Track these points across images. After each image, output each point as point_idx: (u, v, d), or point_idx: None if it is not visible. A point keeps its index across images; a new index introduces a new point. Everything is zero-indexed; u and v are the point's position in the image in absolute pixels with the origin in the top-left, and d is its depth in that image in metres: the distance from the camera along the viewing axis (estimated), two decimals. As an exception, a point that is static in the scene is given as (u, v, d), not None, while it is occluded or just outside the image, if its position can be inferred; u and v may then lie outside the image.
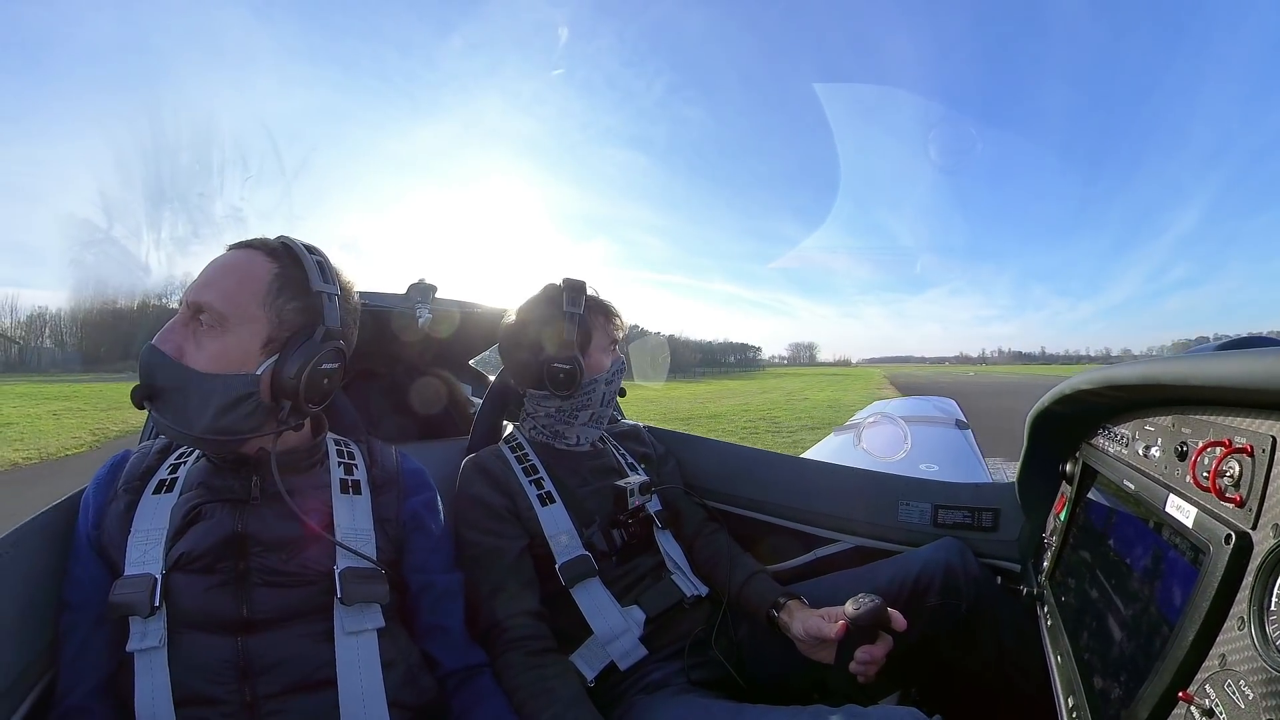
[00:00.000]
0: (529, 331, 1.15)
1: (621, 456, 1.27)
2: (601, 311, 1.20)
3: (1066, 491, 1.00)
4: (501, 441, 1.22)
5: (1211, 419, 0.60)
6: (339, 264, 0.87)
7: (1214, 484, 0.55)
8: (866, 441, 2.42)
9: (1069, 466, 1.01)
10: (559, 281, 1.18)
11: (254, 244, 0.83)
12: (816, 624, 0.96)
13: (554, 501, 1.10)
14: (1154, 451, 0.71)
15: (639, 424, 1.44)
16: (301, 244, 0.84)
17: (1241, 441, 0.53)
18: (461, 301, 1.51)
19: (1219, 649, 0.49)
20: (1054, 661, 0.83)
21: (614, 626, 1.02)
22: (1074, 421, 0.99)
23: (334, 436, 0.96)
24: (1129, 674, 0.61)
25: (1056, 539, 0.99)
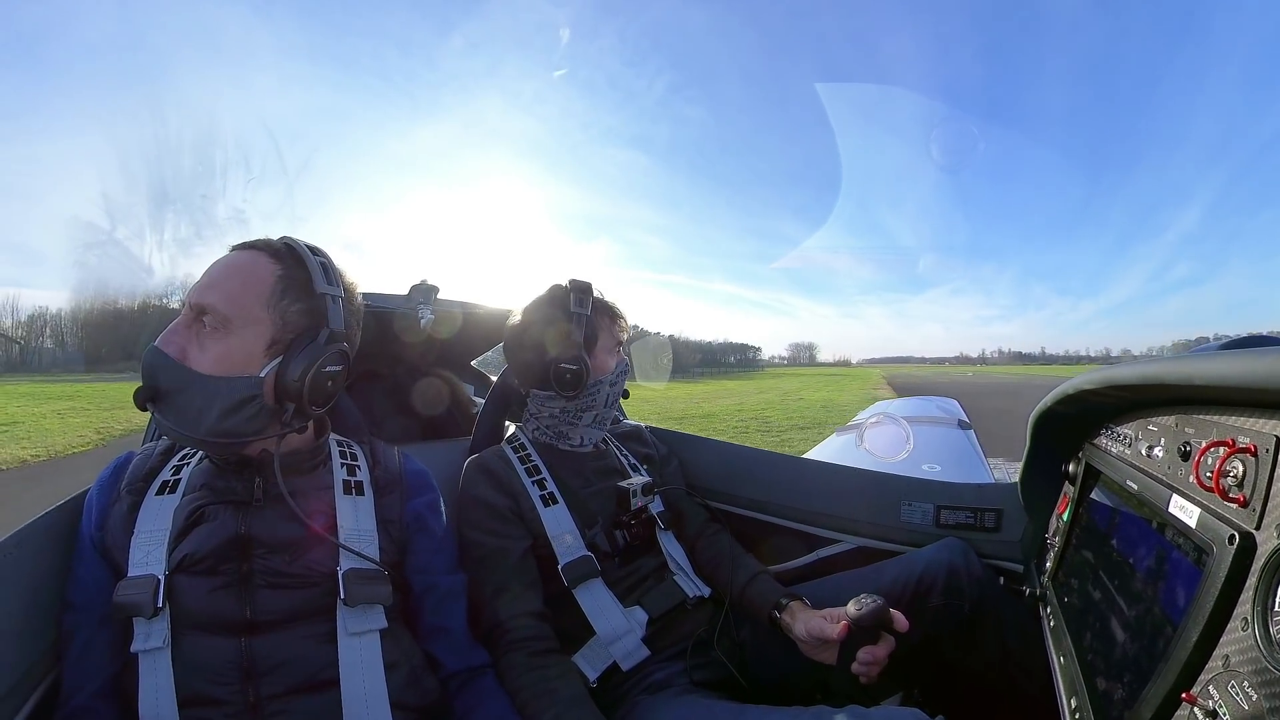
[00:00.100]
0: (535, 332, 1.15)
1: (624, 457, 1.27)
2: (607, 313, 1.20)
3: (1069, 492, 1.00)
4: (504, 442, 1.22)
5: (1215, 419, 0.60)
6: (342, 265, 0.87)
7: (1217, 484, 0.55)
8: (869, 442, 2.42)
9: (1072, 467, 1.00)
10: (565, 282, 1.18)
11: (257, 245, 0.82)
12: (819, 625, 0.96)
13: (557, 502, 1.10)
14: (1157, 451, 0.71)
15: (641, 425, 1.44)
16: (305, 245, 0.83)
17: (1245, 441, 0.53)
18: (464, 302, 1.52)
19: (1222, 650, 0.49)
20: (1057, 662, 0.83)
21: (616, 627, 1.02)
22: (1077, 421, 0.99)
23: (337, 438, 0.96)
24: (1132, 675, 0.61)
25: (1059, 539, 0.98)
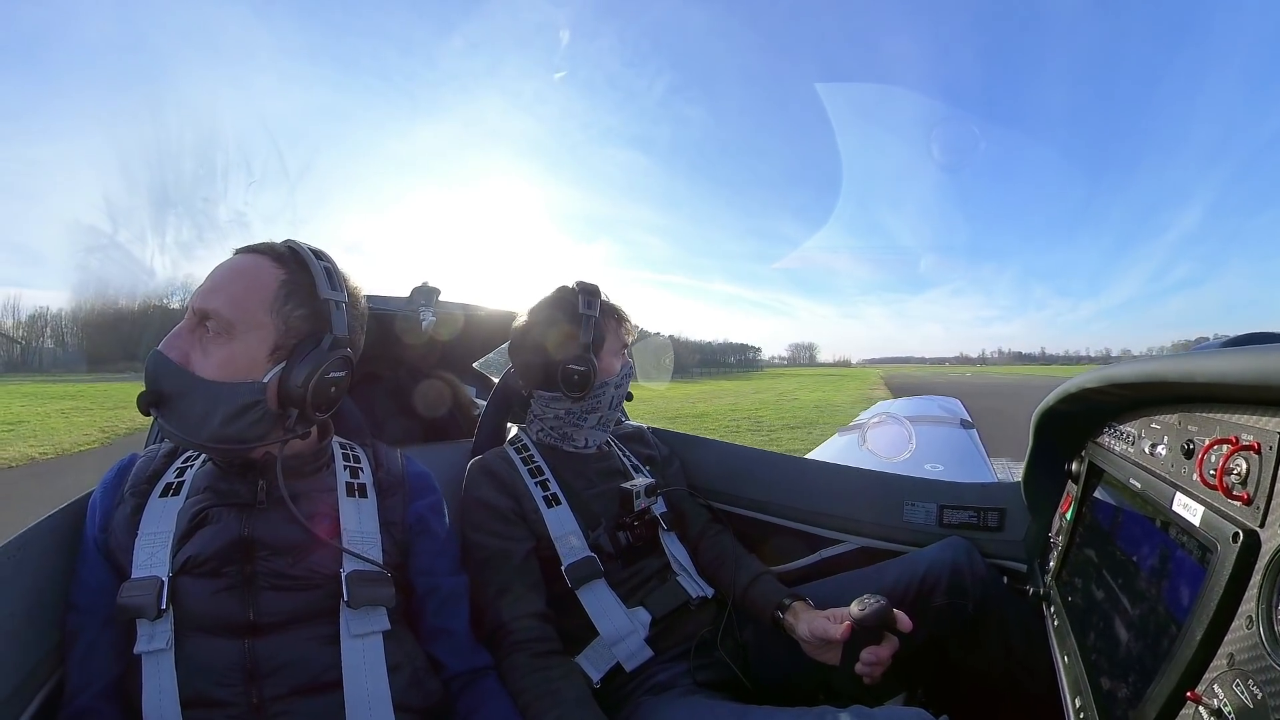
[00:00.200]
0: (542, 333, 1.15)
1: (626, 459, 1.27)
2: (613, 315, 1.21)
3: (1073, 491, 1.00)
4: (507, 443, 1.22)
5: (1218, 416, 0.60)
6: (346, 269, 0.86)
7: (1221, 482, 0.54)
8: (871, 442, 2.41)
9: (1075, 465, 1.00)
10: (571, 284, 1.18)
11: (261, 249, 0.82)
12: (822, 625, 0.96)
13: (559, 503, 1.10)
14: (1160, 449, 0.70)
15: (643, 426, 1.44)
16: (309, 249, 0.83)
17: (1248, 439, 0.53)
18: (465, 304, 1.52)
19: (1227, 648, 0.49)
20: (1061, 662, 0.82)
21: (620, 628, 1.02)
22: (1080, 420, 0.98)
23: (339, 440, 0.96)
24: (1136, 674, 0.61)
25: (1063, 538, 0.98)
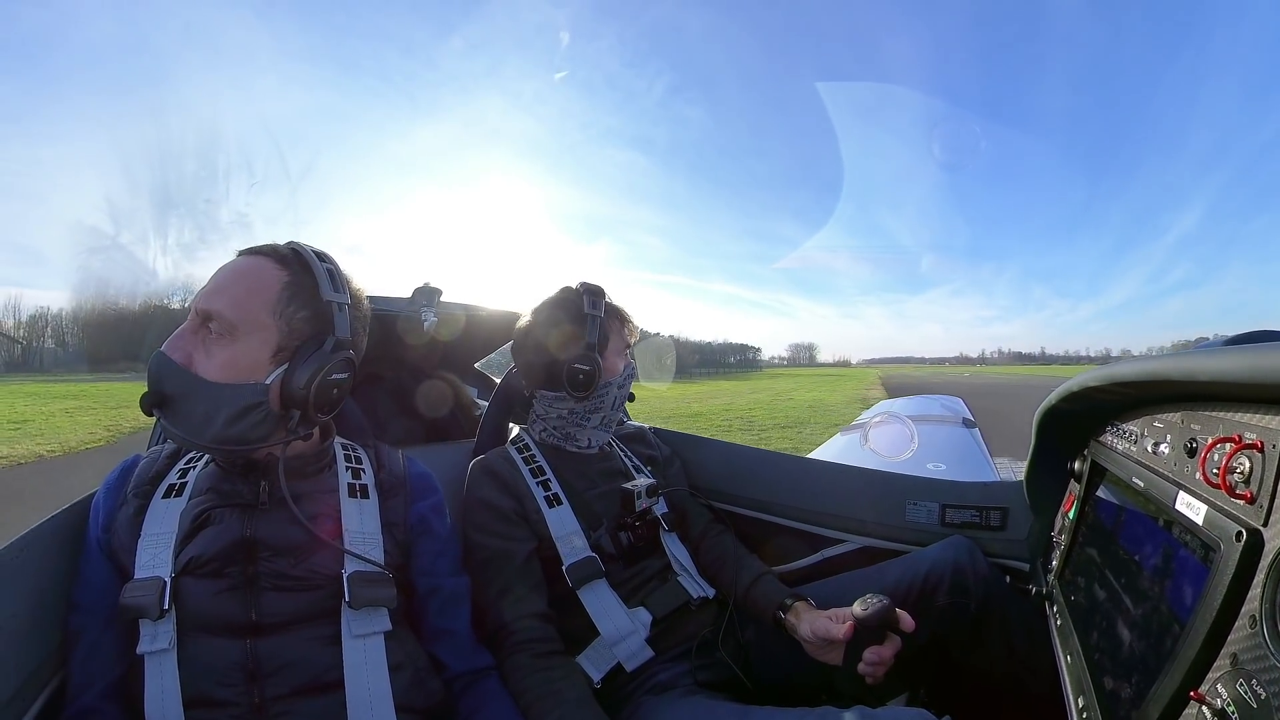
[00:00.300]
0: (546, 333, 1.15)
1: (628, 459, 1.27)
2: (617, 316, 1.21)
3: (1075, 490, 1.00)
4: (509, 443, 1.22)
5: (1221, 415, 0.59)
6: (348, 271, 0.87)
7: (1224, 480, 0.54)
8: (873, 441, 2.41)
9: (1077, 464, 1.00)
10: (574, 285, 1.19)
11: (263, 250, 0.82)
12: (824, 625, 0.96)
13: (561, 503, 1.10)
14: (1163, 448, 0.70)
15: (644, 426, 1.44)
16: (311, 250, 0.83)
17: (1251, 437, 0.52)
18: (466, 305, 1.52)
19: (1230, 648, 0.49)
20: (1064, 661, 0.82)
21: (621, 628, 1.02)
22: (1082, 419, 0.98)
23: (341, 441, 0.96)
24: (1139, 674, 0.60)
25: (1065, 537, 0.98)
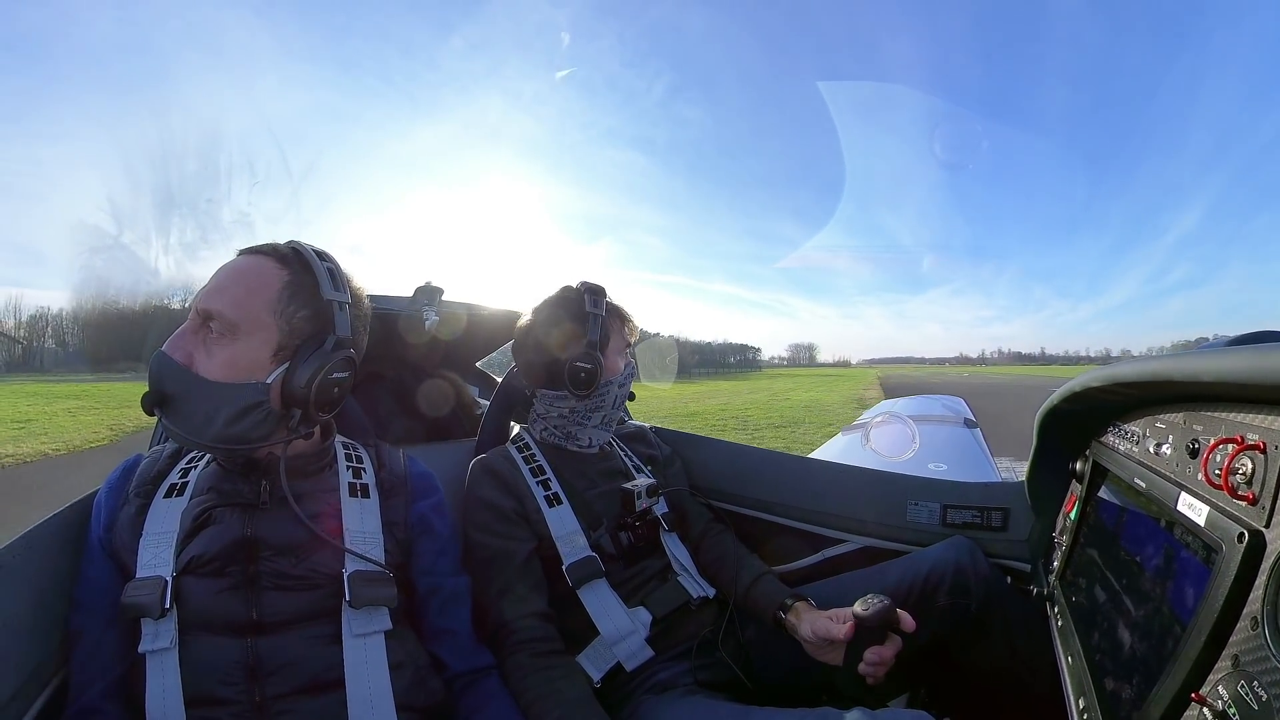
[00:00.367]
0: (547, 332, 1.16)
1: (628, 458, 1.27)
2: (618, 315, 1.22)
3: (1077, 490, 0.99)
4: (509, 442, 1.22)
5: (1223, 415, 0.59)
6: (349, 270, 0.87)
7: (1226, 481, 0.54)
8: (875, 441, 2.41)
9: (1079, 465, 0.99)
10: (575, 284, 1.19)
11: (264, 249, 0.82)
12: (824, 625, 0.96)
13: (561, 503, 1.10)
14: (1165, 449, 0.70)
15: (645, 425, 1.44)
16: (312, 249, 0.84)
17: (1254, 438, 0.52)
18: (468, 304, 1.52)
19: (1232, 649, 0.49)
20: (1065, 662, 0.82)
21: (620, 627, 1.02)
22: (1084, 419, 0.98)
23: (342, 440, 0.96)
24: (1140, 675, 0.60)
25: (1067, 538, 0.98)
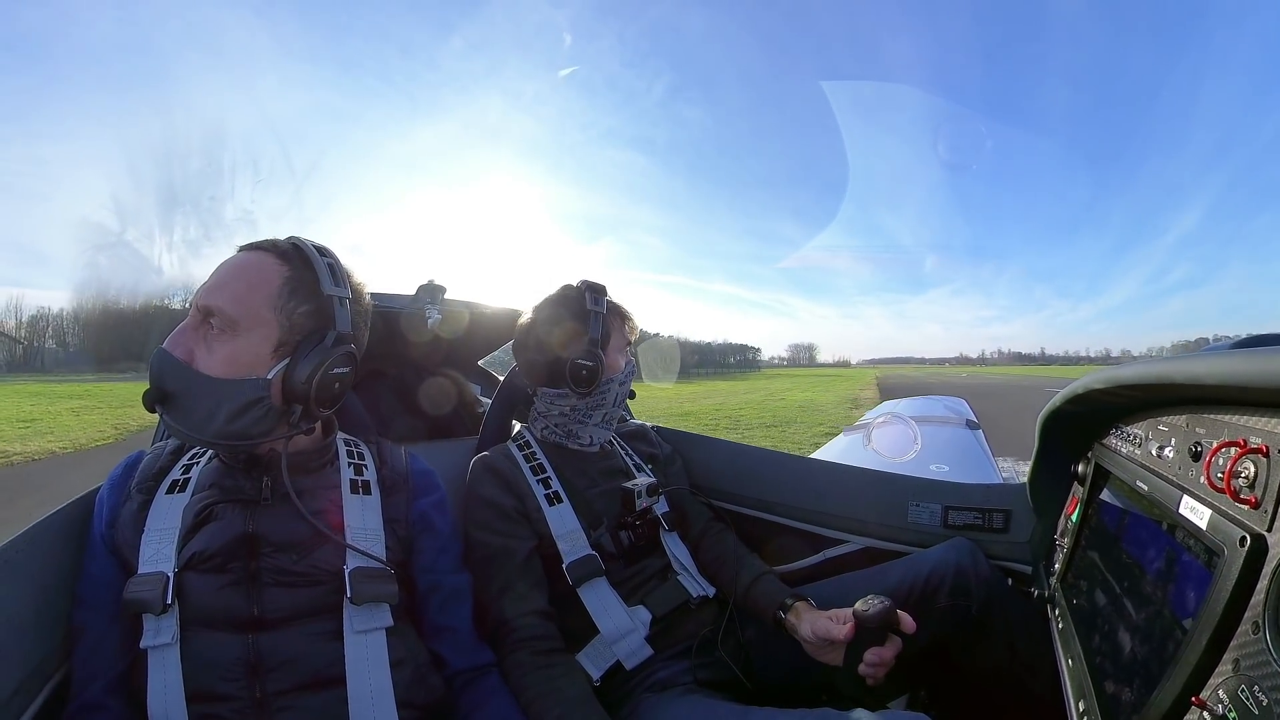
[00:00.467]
0: (548, 330, 1.16)
1: (629, 457, 1.28)
2: (618, 314, 1.22)
3: (1078, 492, 0.99)
4: (510, 440, 1.23)
5: (1226, 419, 0.59)
6: (350, 266, 0.87)
7: (1228, 485, 0.54)
8: (876, 442, 2.41)
9: (1081, 467, 0.99)
10: (575, 282, 1.19)
11: (264, 246, 0.82)
12: (824, 625, 0.95)
13: (561, 501, 1.10)
14: (1167, 452, 0.70)
15: (646, 424, 1.44)
16: (312, 245, 0.84)
17: (1257, 442, 0.52)
18: (470, 302, 1.52)
19: (1233, 653, 0.48)
20: (1065, 665, 0.82)
21: (620, 626, 1.02)
22: (1086, 421, 0.97)
23: (344, 437, 0.96)
24: (1141, 678, 0.60)
25: (1068, 540, 0.97)
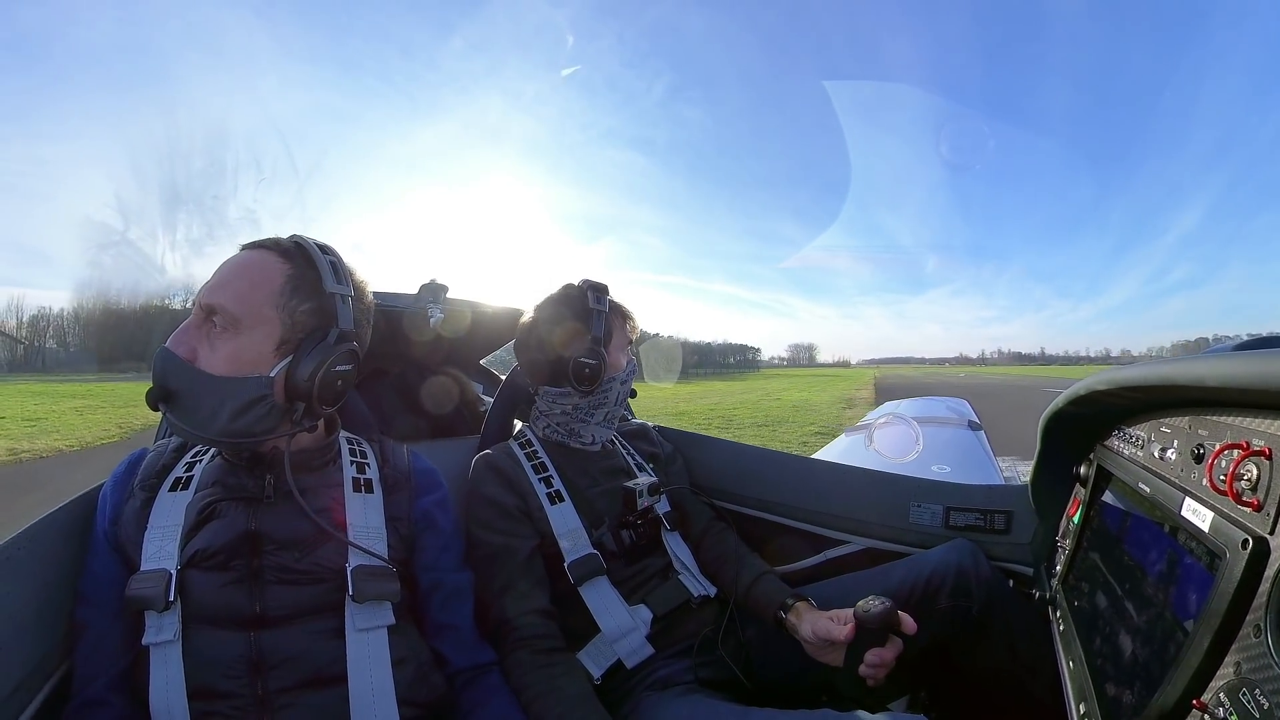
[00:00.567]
0: (550, 329, 1.16)
1: (630, 456, 1.28)
2: (620, 313, 1.22)
3: (1080, 494, 0.99)
4: (512, 439, 1.23)
5: (1229, 420, 0.59)
6: (353, 264, 0.87)
7: (1231, 487, 0.54)
8: (878, 442, 2.40)
9: (1083, 468, 0.99)
10: (577, 282, 1.20)
11: (266, 244, 0.83)
12: (825, 626, 0.95)
13: (563, 500, 1.10)
14: (1170, 453, 0.69)
15: (647, 423, 1.44)
16: (315, 244, 0.84)
17: (1259, 444, 0.52)
18: (472, 301, 1.53)
19: (1234, 657, 0.48)
20: (1066, 667, 0.82)
21: (621, 625, 1.02)
22: (1088, 422, 0.97)
23: (347, 435, 0.97)
24: (1142, 681, 0.60)
25: (1070, 542, 0.97)
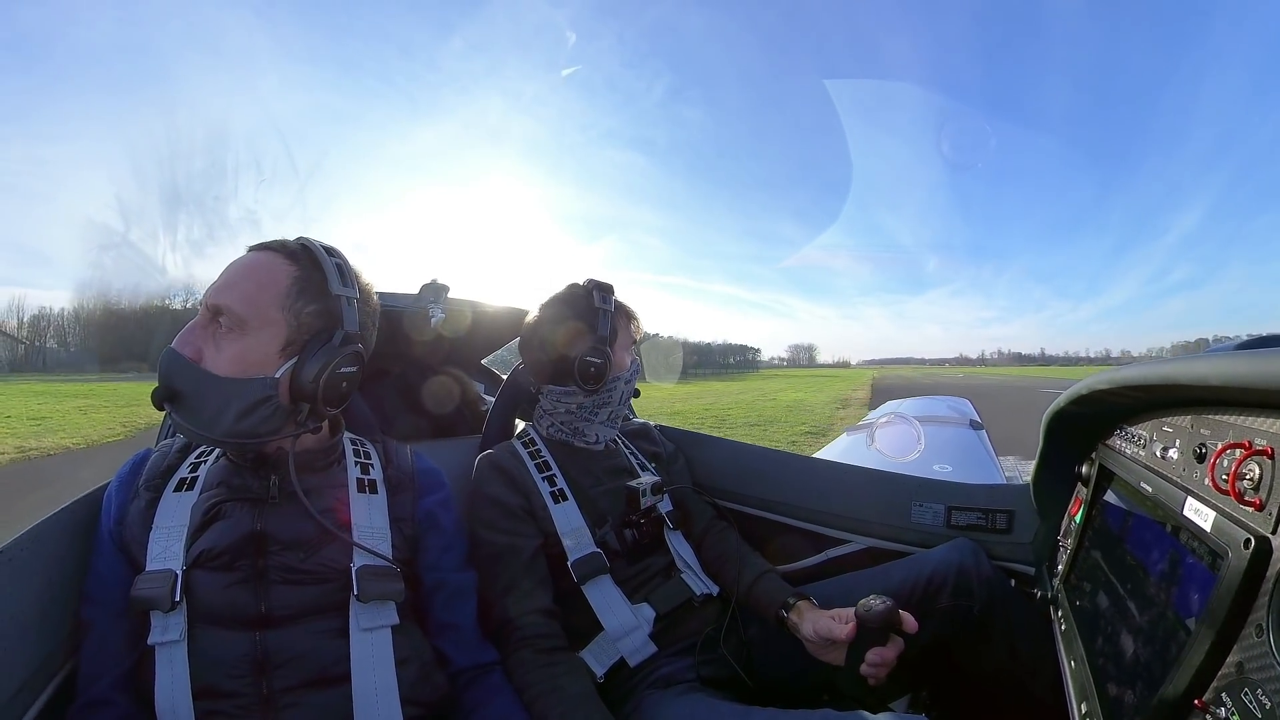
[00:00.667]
0: (554, 329, 1.16)
1: (633, 456, 1.28)
2: (624, 313, 1.23)
3: (1082, 493, 0.99)
4: (515, 438, 1.23)
5: (1231, 420, 0.59)
6: (358, 266, 0.88)
7: (1233, 487, 0.54)
8: (879, 441, 2.40)
9: (1085, 468, 0.99)
10: (582, 281, 1.20)
11: (273, 246, 0.83)
12: (826, 625, 0.96)
13: (566, 499, 1.11)
14: (1172, 453, 0.70)
15: (649, 423, 1.45)
16: (321, 246, 0.84)
17: (1262, 443, 0.52)
18: (473, 301, 1.53)
19: (1236, 656, 0.48)
20: (1067, 666, 0.82)
21: (624, 623, 1.03)
22: (1090, 422, 0.97)
23: (350, 436, 0.97)
24: (1143, 680, 0.60)
25: (1072, 541, 0.97)
